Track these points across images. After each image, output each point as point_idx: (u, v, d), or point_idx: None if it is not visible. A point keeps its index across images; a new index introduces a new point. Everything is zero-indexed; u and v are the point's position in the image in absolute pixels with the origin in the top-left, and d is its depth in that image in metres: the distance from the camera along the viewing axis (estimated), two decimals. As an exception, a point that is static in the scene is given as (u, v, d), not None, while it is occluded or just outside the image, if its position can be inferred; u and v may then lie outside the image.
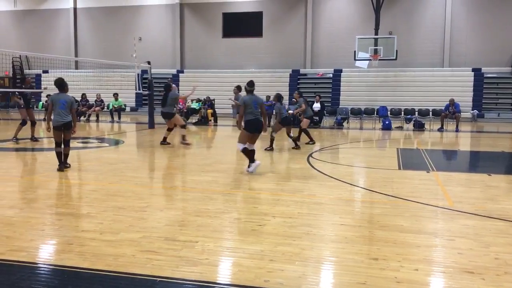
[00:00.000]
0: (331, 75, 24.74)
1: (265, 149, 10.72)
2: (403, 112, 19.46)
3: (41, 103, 22.72)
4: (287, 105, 17.24)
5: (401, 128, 17.93)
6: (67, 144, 7.87)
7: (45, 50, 26.42)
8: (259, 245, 4.12)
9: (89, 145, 11.97)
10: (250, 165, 7.72)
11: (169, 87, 11.82)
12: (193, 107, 19.86)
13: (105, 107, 21.42)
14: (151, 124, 16.73)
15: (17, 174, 7.81)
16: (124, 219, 4.93)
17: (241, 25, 26.69)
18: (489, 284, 3.36)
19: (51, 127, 7.74)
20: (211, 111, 19.48)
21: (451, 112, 17.33)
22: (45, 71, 26.30)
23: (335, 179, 7.35)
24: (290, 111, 12.74)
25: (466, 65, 23.44)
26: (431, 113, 19.03)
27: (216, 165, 8.28)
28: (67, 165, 7.87)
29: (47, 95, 20.20)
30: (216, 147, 12.90)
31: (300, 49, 25.93)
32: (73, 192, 6.59)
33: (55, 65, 23.70)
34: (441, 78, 23.14)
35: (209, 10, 26.91)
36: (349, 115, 19.58)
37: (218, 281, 3.43)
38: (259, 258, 3.82)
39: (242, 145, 7.70)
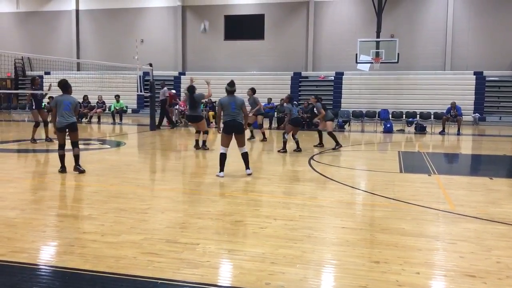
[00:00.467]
0: (332, 77, 24.73)
1: (278, 151, 10.76)
2: (404, 115, 19.47)
3: (43, 104, 22.71)
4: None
5: (402, 131, 17.91)
6: (75, 145, 7.74)
7: (47, 51, 26.46)
8: (260, 248, 4.12)
9: (90, 146, 11.99)
10: (248, 167, 7.74)
11: (193, 88, 11.19)
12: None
13: (107, 108, 21.47)
14: (153, 126, 16.76)
15: (19, 176, 7.82)
16: (125, 221, 4.93)
17: (243, 28, 26.69)
18: (491, 288, 3.35)
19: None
20: (212, 113, 19.49)
21: (452, 115, 17.32)
22: (47, 73, 26.39)
23: (337, 182, 7.34)
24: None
25: (468, 68, 23.41)
26: (432, 116, 19.04)
27: (217, 167, 8.25)
28: (80, 168, 7.63)
29: (49, 97, 20.23)
30: (217, 149, 12.82)
31: (301, 52, 25.93)
32: (74, 193, 6.60)
33: (57, 66, 23.80)
34: (443, 81, 23.12)
35: (211, 12, 26.93)
36: (351, 117, 19.58)
37: (219, 284, 3.43)
38: (260, 260, 3.82)
39: (221, 148, 7.74)
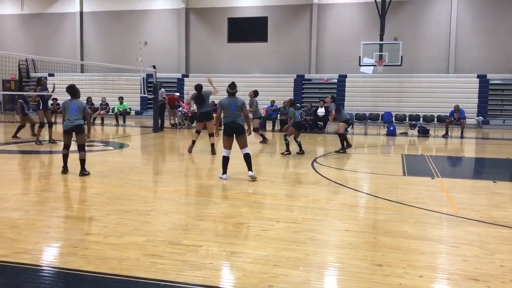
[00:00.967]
0: (335, 80, 24.73)
1: (282, 153, 10.76)
2: (407, 118, 19.41)
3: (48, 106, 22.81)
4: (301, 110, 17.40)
5: (405, 134, 17.88)
6: (81, 149, 7.73)
7: (51, 53, 26.56)
8: (263, 250, 4.12)
9: (94, 148, 12.01)
10: (251, 169, 7.74)
11: (201, 86, 10.92)
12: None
13: (110, 110, 21.51)
14: (156, 128, 16.78)
15: (22, 177, 7.85)
16: (128, 222, 4.94)
17: (246, 30, 26.74)
18: (494, 292, 3.35)
19: None
20: (215, 115, 19.47)
21: (456, 118, 17.27)
22: (51, 74, 26.45)
23: (340, 184, 7.34)
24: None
25: (471, 72, 23.36)
26: (436, 119, 18.96)
27: (220, 169, 8.24)
28: (85, 172, 7.64)
29: (53, 98, 20.32)
30: (221, 151, 12.84)
31: (305, 54, 25.94)
32: (78, 195, 6.61)
33: (61, 68, 23.89)
34: (446, 84, 23.08)
35: (215, 15, 27.00)
36: (354, 120, 19.55)
37: (221, 286, 3.44)
38: (263, 263, 3.81)
39: (224, 151, 7.77)
